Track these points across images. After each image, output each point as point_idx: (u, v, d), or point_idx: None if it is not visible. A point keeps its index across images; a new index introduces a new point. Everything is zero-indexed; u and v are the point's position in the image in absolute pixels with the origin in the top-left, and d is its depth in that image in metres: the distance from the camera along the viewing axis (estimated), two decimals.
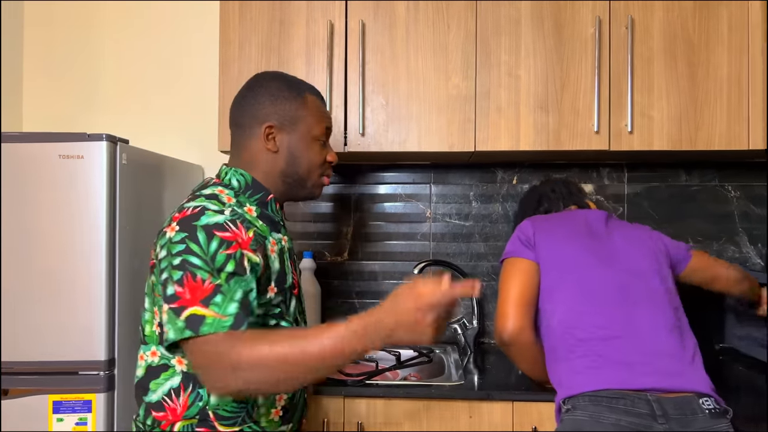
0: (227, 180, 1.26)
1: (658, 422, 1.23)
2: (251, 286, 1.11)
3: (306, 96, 1.31)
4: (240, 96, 1.30)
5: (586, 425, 1.26)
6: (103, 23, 2.30)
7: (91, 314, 1.55)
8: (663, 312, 1.39)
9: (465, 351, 2.05)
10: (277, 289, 1.21)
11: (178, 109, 2.29)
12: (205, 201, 1.16)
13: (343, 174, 2.27)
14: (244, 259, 1.11)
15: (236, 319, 1.04)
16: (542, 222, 1.58)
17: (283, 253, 1.26)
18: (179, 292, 1.06)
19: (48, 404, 1.55)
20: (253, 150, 1.28)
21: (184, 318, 1.04)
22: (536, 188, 1.85)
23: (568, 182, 1.81)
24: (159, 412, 1.17)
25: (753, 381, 1.71)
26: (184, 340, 1.05)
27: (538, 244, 1.51)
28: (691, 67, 1.82)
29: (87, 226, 1.56)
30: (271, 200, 1.28)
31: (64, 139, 1.57)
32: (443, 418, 1.61)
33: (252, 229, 1.17)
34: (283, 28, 1.91)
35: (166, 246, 1.11)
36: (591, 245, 1.49)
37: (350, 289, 2.27)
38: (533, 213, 1.76)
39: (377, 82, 1.89)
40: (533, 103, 1.85)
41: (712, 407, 1.27)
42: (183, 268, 1.07)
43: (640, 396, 1.27)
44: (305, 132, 1.29)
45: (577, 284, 1.44)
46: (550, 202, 1.75)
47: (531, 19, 1.86)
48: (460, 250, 2.24)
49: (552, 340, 1.43)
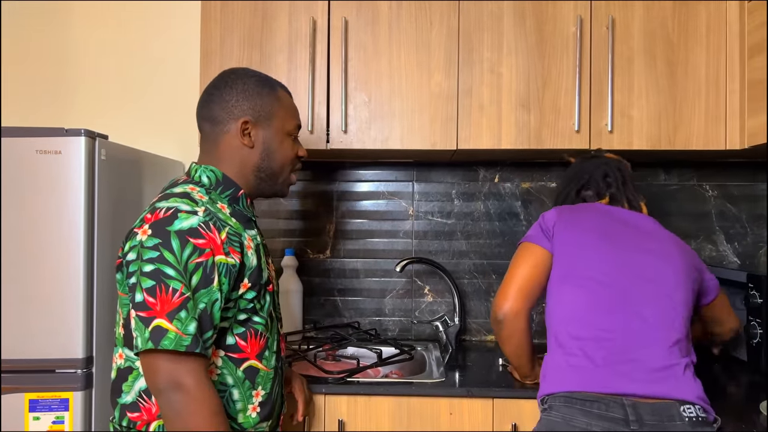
0: (197, 177, 1.26)
1: (630, 427, 1.23)
2: (216, 297, 1.12)
3: (279, 92, 1.32)
4: (209, 93, 1.30)
5: (558, 427, 1.27)
6: (82, 17, 2.27)
7: (69, 312, 1.53)
8: (668, 326, 1.34)
9: (446, 348, 2.06)
10: (251, 285, 1.20)
11: (158, 104, 2.27)
12: (177, 201, 1.15)
13: (326, 171, 2.27)
14: (214, 269, 1.13)
15: (193, 340, 1.08)
16: (569, 214, 1.51)
17: (259, 249, 1.26)
18: (150, 302, 1.08)
19: (24, 403, 1.52)
20: (227, 146, 1.27)
21: (150, 329, 1.07)
22: (589, 167, 1.66)
23: (624, 174, 1.63)
24: (134, 413, 1.17)
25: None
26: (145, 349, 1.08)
27: (557, 236, 1.48)
28: (671, 66, 1.84)
29: (65, 222, 1.53)
30: (242, 196, 1.29)
31: (41, 134, 1.54)
32: (424, 416, 1.61)
33: (225, 229, 1.17)
34: (265, 23, 1.90)
35: (136, 249, 1.12)
36: (612, 248, 1.42)
37: (332, 286, 2.26)
38: (576, 195, 1.64)
39: (360, 79, 1.89)
40: (515, 101, 1.86)
41: (694, 415, 1.26)
42: (156, 278, 1.08)
43: (615, 400, 1.26)
44: (279, 127, 1.31)
45: (585, 284, 1.40)
46: (597, 188, 1.61)
47: (513, 17, 1.86)
48: (442, 247, 2.24)
49: (550, 331, 1.44)
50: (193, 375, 1.07)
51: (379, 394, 1.62)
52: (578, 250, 1.44)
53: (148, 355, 1.08)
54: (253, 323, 1.22)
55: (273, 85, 1.32)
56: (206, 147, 1.30)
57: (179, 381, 1.07)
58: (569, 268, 1.43)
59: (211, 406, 1.08)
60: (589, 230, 1.46)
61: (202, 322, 1.10)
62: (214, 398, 1.09)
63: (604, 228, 1.47)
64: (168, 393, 1.07)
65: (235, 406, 1.21)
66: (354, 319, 2.26)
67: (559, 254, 1.47)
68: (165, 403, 1.07)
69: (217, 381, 1.19)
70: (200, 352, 1.08)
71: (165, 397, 1.07)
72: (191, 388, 1.07)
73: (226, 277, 1.14)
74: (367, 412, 1.62)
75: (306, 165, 2.26)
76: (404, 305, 2.25)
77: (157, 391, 1.08)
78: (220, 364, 1.19)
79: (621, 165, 1.65)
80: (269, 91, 1.30)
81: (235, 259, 1.16)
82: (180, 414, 1.06)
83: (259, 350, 1.24)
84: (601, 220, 1.49)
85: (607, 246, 1.43)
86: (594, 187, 1.62)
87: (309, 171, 2.27)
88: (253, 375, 1.23)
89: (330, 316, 2.27)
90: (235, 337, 1.20)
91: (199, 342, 1.08)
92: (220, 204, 1.23)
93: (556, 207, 1.57)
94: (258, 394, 1.24)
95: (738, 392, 1.62)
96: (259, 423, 1.24)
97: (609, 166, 1.63)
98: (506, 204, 2.23)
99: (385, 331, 2.25)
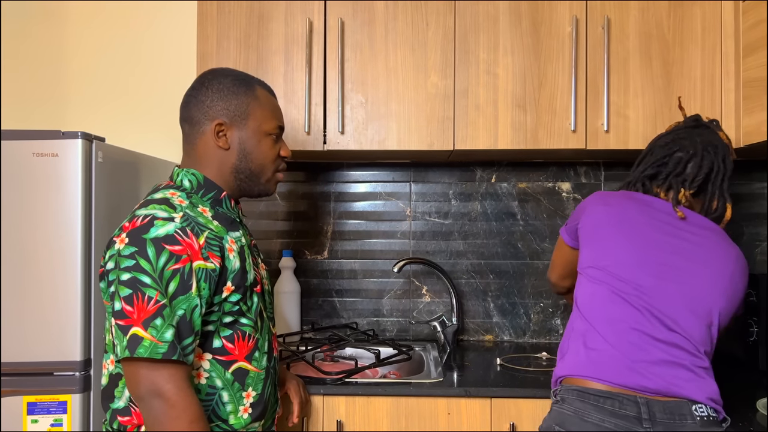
0: (179, 181, 1.26)
1: (643, 426, 1.23)
2: (195, 303, 1.12)
3: (256, 90, 1.30)
4: (188, 94, 1.29)
5: (569, 420, 1.28)
6: (78, 18, 2.27)
7: (67, 314, 1.53)
8: (689, 325, 1.30)
9: (444, 348, 2.06)
10: (235, 288, 1.20)
11: (155, 106, 2.27)
12: (155, 208, 1.15)
13: (323, 172, 2.27)
14: (192, 275, 1.12)
15: (170, 347, 1.08)
16: (605, 208, 1.42)
17: (243, 251, 1.25)
18: (128, 310, 1.08)
19: (22, 405, 1.52)
20: (204, 148, 1.27)
21: (128, 337, 1.07)
22: (684, 143, 1.45)
23: (727, 169, 1.42)
24: (125, 417, 1.18)
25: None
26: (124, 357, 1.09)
27: (582, 236, 1.45)
28: (666, 66, 1.85)
29: (62, 225, 1.53)
30: (225, 198, 1.28)
31: (38, 136, 1.54)
32: (422, 416, 1.62)
33: (204, 234, 1.17)
34: (261, 24, 1.90)
35: (114, 258, 1.12)
36: (648, 251, 1.34)
37: (330, 287, 2.26)
38: (647, 182, 1.48)
39: (356, 80, 1.89)
40: (511, 101, 1.86)
41: (705, 414, 1.26)
42: (133, 287, 1.08)
43: (629, 397, 1.26)
44: (256, 127, 1.28)
45: (610, 284, 1.35)
46: (680, 182, 1.42)
47: (509, 17, 1.87)
48: (439, 248, 2.25)
49: (575, 312, 1.42)
50: (172, 382, 1.08)
51: (378, 395, 1.62)
52: (608, 253, 1.38)
53: (128, 363, 1.09)
54: (240, 325, 1.22)
55: (250, 84, 1.30)
56: (186, 149, 1.30)
57: (159, 388, 1.07)
58: (596, 271, 1.38)
59: (191, 413, 1.08)
60: (624, 232, 1.38)
61: (181, 328, 1.10)
62: (194, 405, 1.09)
63: (641, 230, 1.37)
64: (148, 400, 1.07)
65: (226, 408, 1.20)
66: (352, 319, 2.26)
67: (585, 254, 1.43)
68: (145, 410, 1.08)
69: (206, 384, 1.19)
70: (178, 359, 1.08)
71: (145, 404, 1.08)
72: (171, 395, 1.07)
73: (206, 282, 1.14)
74: (365, 412, 1.62)
75: (303, 166, 2.27)
76: (402, 306, 2.25)
77: (138, 398, 1.09)
78: (208, 367, 1.19)
79: (728, 153, 1.44)
80: (245, 90, 1.28)
81: (215, 264, 1.16)
82: (159, 421, 1.07)
83: (248, 351, 1.23)
84: (641, 220, 1.39)
85: (641, 254, 1.35)
86: (670, 167, 1.43)
87: (306, 172, 2.27)
88: (242, 376, 1.22)
89: (328, 317, 2.27)
90: (222, 339, 1.20)
91: (177, 349, 1.08)
92: (201, 207, 1.23)
93: (595, 197, 1.47)
94: (249, 395, 1.24)
95: (735, 390, 1.62)
96: (250, 423, 1.24)
97: (707, 151, 1.42)
98: (503, 204, 2.23)
99: (383, 331, 2.25)
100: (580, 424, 1.26)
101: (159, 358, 1.07)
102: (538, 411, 1.59)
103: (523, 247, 2.22)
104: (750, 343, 1.80)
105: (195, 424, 1.08)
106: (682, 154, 1.44)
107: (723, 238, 1.39)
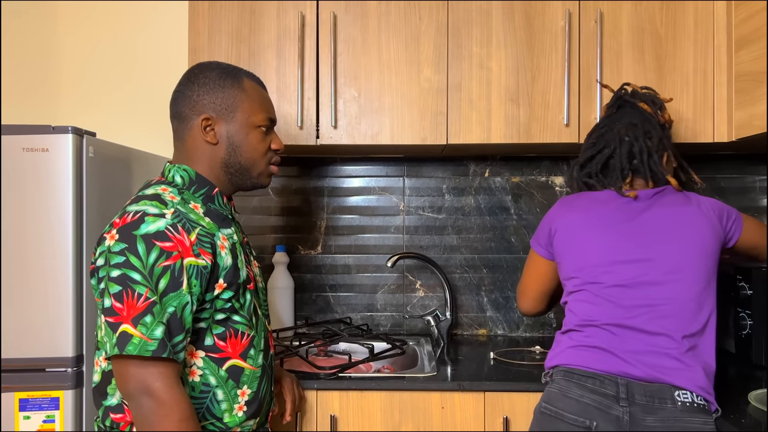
0: (171, 177, 1.24)
1: (620, 404, 1.28)
2: (186, 300, 1.11)
3: (243, 82, 1.28)
4: (177, 89, 1.29)
5: (554, 397, 1.35)
6: (68, 14, 2.25)
7: (58, 310, 1.52)
8: (680, 318, 1.34)
9: (438, 342, 2.06)
10: (227, 285, 1.19)
11: (146, 101, 2.25)
12: (146, 204, 1.14)
13: (316, 167, 2.26)
14: (182, 272, 1.11)
15: (160, 344, 1.07)
16: (568, 212, 1.49)
17: (235, 248, 1.24)
18: (118, 307, 1.07)
19: (14, 402, 1.52)
20: (193, 143, 1.26)
21: (117, 334, 1.06)
22: (613, 134, 1.49)
23: (652, 139, 1.46)
24: (117, 414, 1.17)
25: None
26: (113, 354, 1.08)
27: (556, 245, 1.50)
28: (659, 60, 1.85)
29: (53, 220, 1.52)
30: (217, 194, 1.26)
31: (28, 131, 1.53)
32: (416, 410, 1.62)
33: (196, 230, 1.16)
34: (253, 18, 1.89)
35: (104, 255, 1.11)
36: (617, 240, 1.41)
37: (324, 282, 2.26)
38: (591, 178, 1.53)
39: (349, 74, 1.88)
40: (504, 95, 1.86)
41: (689, 401, 1.27)
42: (122, 284, 1.07)
43: (611, 378, 1.31)
44: (244, 120, 1.26)
45: (595, 285, 1.41)
46: (620, 170, 1.47)
47: (502, 11, 1.86)
48: (433, 242, 2.25)
49: (566, 311, 1.49)
50: (162, 380, 1.07)
51: (371, 389, 1.62)
52: (583, 253, 1.44)
53: (117, 360, 1.08)
54: (232, 323, 1.21)
55: (237, 77, 1.28)
56: (177, 144, 1.29)
57: (148, 386, 1.06)
58: (576, 272, 1.45)
59: (181, 411, 1.07)
60: (592, 228, 1.44)
61: (171, 326, 1.09)
62: (184, 403, 1.09)
63: (605, 220, 1.44)
64: (138, 398, 1.07)
65: (220, 406, 1.20)
66: (346, 314, 2.26)
67: (562, 261, 1.49)
68: (135, 408, 1.07)
69: (200, 382, 1.18)
70: (168, 357, 1.08)
71: (135, 402, 1.07)
72: (161, 393, 1.06)
73: (197, 279, 1.13)
74: (359, 407, 1.62)
75: (296, 161, 2.26)
76: (396, 300, 2.25)
77: (127, 396, 1.08)
78: (201, 365, 1.18)
79: (651, 125, 1.48)
80: (232, 83, 1.26)
81: (207, 261, 1.15)
82: (149, 419, 1.06)
83: (242, 349, 1.22)
84: (603, 211, 1.45)
85: (612, 245, 1.41)
86: (615, 172, 1.48)
87: (299, 167, 2.26)
88: (237, 374, 1.22)
89: (322, 312, 2.26)
90: (214, 337, 1.19)
91: (167, 346, 1.07)
92: (193, 204, 1.21)
93: (560, 204, 1.53)
94: (244, 393, 1.23)
95: (727, 383, 1.63)
96: (245, 421, 1.24)
97: (636, 130, 1.47)
98: (496, 198, 2.23)
99: (377, 326, 2.25)
100: (563, 399, 1.33)
101: (149, 356, 1.06)
102: (531, 405, 1.59)
103: (516, 242, 2.23)
104: (743, 337, 1.81)
105: (184, 422, 1.07)
106: (607, 150, 1.50)
107: (681, 201, 1.44)
